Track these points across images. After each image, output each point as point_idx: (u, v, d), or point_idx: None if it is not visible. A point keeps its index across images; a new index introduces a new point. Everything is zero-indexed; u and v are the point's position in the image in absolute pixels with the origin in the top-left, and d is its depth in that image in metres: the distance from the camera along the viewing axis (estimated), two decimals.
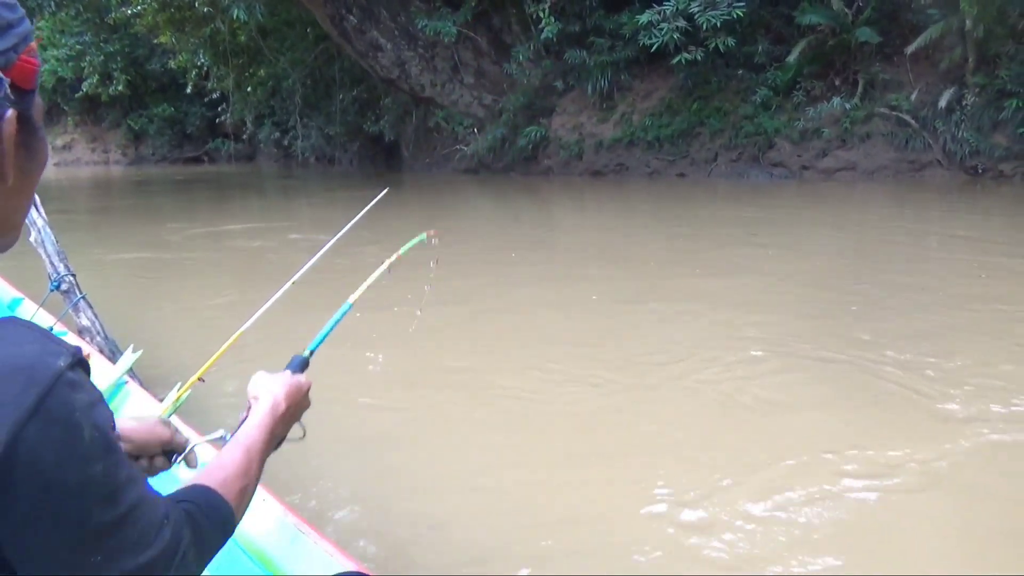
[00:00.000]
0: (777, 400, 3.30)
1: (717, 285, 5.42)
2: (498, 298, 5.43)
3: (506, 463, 2.79)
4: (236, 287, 5.98)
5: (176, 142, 29.09)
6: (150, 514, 0.72)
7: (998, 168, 11.91)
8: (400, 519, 2.39)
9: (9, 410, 0.61)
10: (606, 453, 2.85)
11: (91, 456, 0.65)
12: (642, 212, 10.78)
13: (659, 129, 14.41)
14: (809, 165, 13.27)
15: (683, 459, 2.79)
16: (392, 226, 8.50)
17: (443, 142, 17.64)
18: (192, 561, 0.78)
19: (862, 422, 3.06)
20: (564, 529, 2.33)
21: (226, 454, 0.94)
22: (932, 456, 2.72)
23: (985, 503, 2.44)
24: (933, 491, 2.50)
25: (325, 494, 2.54)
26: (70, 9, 19.94)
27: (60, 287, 3.01)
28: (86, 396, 0.67)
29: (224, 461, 0.92)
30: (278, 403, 1.04)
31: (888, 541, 2.23)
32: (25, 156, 0.71)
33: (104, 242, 8.64)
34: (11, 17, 0.68)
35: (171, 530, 0.74)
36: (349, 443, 2.96)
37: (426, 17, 15.80)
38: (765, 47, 13.57)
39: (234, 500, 0.89)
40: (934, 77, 12.56)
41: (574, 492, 2.57)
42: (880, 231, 8.08)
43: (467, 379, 3.71)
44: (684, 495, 2.49)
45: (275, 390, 1.06)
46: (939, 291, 5.08)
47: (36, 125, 0.72)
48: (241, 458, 0.94)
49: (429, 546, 2.24)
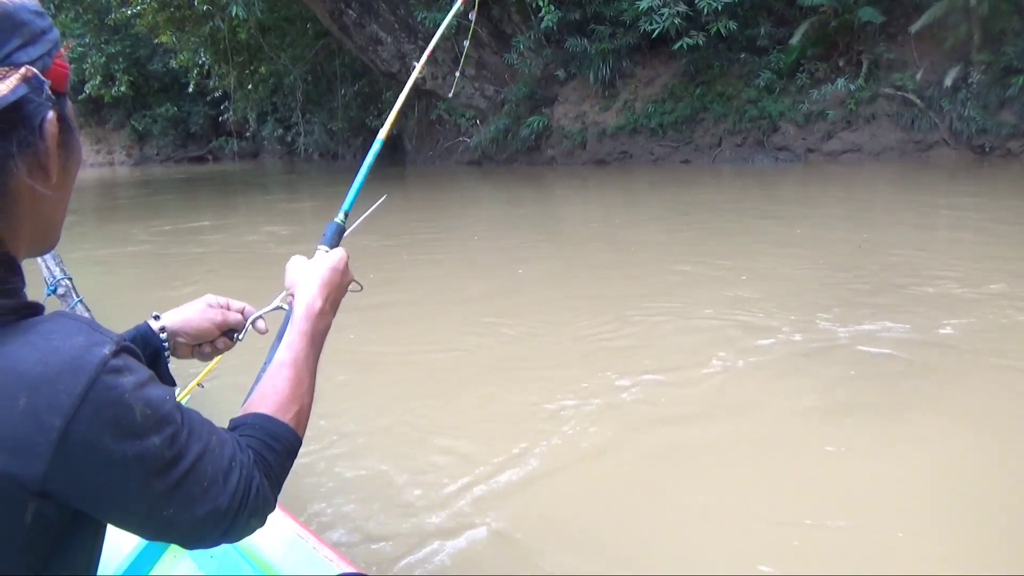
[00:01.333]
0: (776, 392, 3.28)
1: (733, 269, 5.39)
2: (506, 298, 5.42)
3: (515, 456, 2.78)
4: (239, 287, 5.99)
5: (180, 141, 29.18)
6: (216, 462, 0.77)
7: (1005, 146, 11.80)
8: (400, 523, 2.39)
9: (63, 398, 0.66)
10: (616, 454, 2.85)
11: (145, 431, 0.71)
12: (648, 200, 10.73)
13: (662, 116, 14.33)
14: (815, 148, 13.18)
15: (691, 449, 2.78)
16: (395, 219, 8.51)
17: (446, 135, 17.61)
18: (268, 493, 0.84)
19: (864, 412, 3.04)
20: (568, 530, 2.32)
21: (277, 375, 0.94)
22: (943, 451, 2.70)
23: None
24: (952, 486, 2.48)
25: (327, 498, 2.54)
26: (70, 12, 19.97)
27: (56, 291, 3.01)
28: (133, 378, 0.71)
29: (277, 384, 0.93)
30: (313, 304, 1.02)
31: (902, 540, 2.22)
32: (65, 155, 0.76)
33: (103, 242, 8.67)
34: (43, 24, 0.73)
35: (238, 472, 0.79)
36: (353, 445, 2.96)
37: (425, 9, 15.74)
38: (767, 29, 13.46)
39: (292, 421, 0.91)
40: (939, 56, 12.42)
41: (578, 495, 2.56)
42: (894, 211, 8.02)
43: (461, 379, 3.70)
44: (689, 494, 2.47)
45: (309, 287, 1.04)
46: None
47: (72, 124, 0.77)
48: (292, 376, 0.94)
49: (431, 552, 2.24)
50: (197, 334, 1.12)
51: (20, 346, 0.68)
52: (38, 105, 0.70)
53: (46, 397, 0.66)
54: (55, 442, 0.65)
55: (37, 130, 0.70)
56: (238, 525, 0.80)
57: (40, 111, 0.70)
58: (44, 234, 0.79)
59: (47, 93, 0.71)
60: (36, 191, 0.73)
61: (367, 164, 1.32)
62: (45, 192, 0.73)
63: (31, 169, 0.71)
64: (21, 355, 0.67)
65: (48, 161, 0.72)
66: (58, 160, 0.74)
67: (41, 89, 0.70)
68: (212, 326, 1.13)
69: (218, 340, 1.15)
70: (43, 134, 0.71)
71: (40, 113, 0.70)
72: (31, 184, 0.72)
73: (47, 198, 0.75)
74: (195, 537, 0.78)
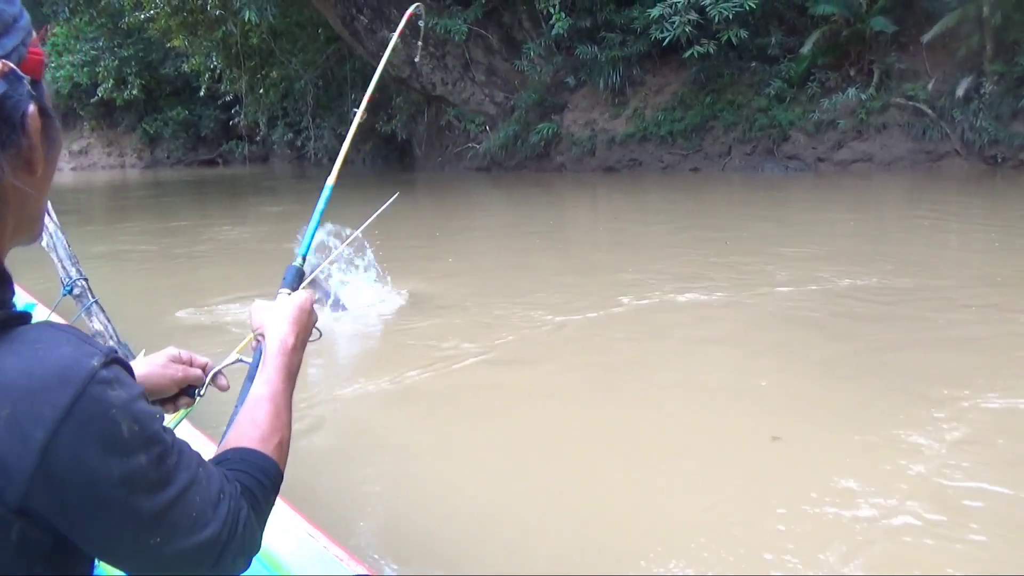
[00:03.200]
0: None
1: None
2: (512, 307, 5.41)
3: (516, 467, 2.76)
4: (249, 289, 5.99)
5: (191, 145, 29.29)
6: (204, 493, 0.74)
7: (1018, 157, 11.72)
8: (412, 524, 2.37)
9: (47, 411, 0.63)
10: (623, 457, 2.82)
11: (132, 449, 0.67)
12: (656, 207, 10.71)
13: (672, 124, 14.31)
14: (825, 157, 13.13)
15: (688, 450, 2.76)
16: (403, 225, 8.51)
17: (455, 140, 17.62)
18: (254, 525, 0.81)
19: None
20: (571, 533, 2.30)
21: (256, 409, 0.93)
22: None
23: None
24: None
25: (336, 499, 2.53)
26: (84, 15, 20.11)
27: (72, 291, 3.02)
28: (123, 392, 0.68)
29: (257, 418, 0.91)
30: (286, 340, 1.02)
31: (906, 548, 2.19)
32: (48, 146, 0.72)
33: (118, 243, 8.69)
34: (13, 11, 0.68)
35: (227, 504, 0.76)
36: (360, 448, 2.95)
37: (436, 15, 15.79)
38: (778, 38, 13.44)
39: (275, 454, 0.89)
40: (951, 66, 12.37)
41: (584, 499, 2.54)
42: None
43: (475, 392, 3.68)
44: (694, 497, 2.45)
45: (280, 325, 1.04)
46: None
47: (51, 112, 0.73)
48: (271, 410, 0.93)
49: (441, 551, 2.22)
50: (155, 390, 1.07)
51: (5, 356, 0.65)
52: (17, 101, 0.66)
53: (30, 409, 0.63)
54: (37, 456, 0.62)
55: (19, 127, 0.67)
56: (225, 560, 0.76)
57: (20, 106, 0.66)
58: (29, 227, 0.75)
59: (27, 87, 0.67)
60: (21, 189, 0.69)
61: (319, 211, 1.29)
62: (29, 189, 0.70)
63: (15, 167, 0.68)
64: (6, 365, 0.64)
65: (33, 155, 0.69)
66: (41, 152, 0.70)
67: (20, 83, 0.66)
68: (171, 383, 1.08)
69: (179, 398, 1.10)
70: (25, 130, 0.67)
71: (21, 108, 0.66)
72: (16, 183, 0.68)
73: (31, 192, 0.71)
74: (182, 571, 0.73)
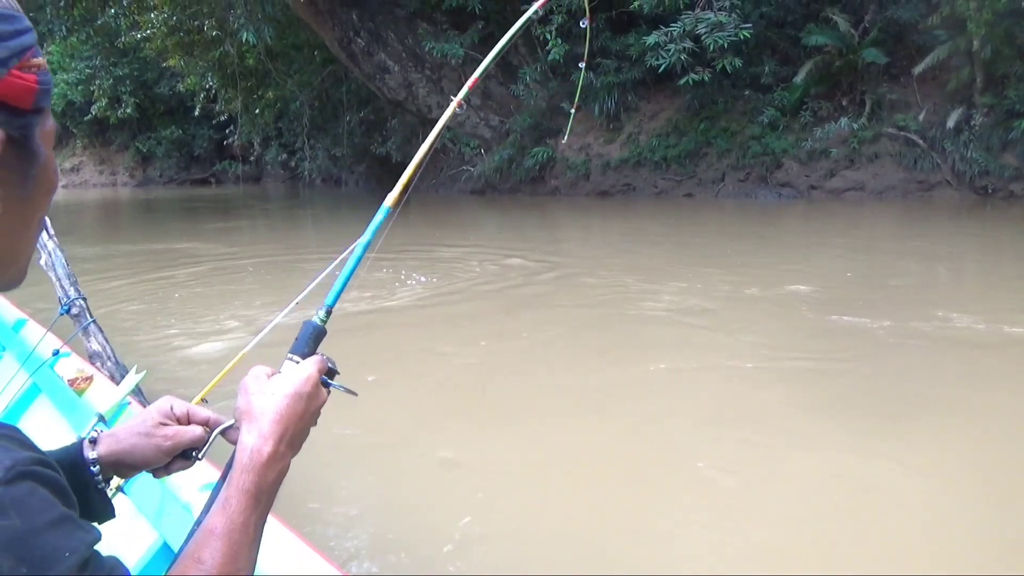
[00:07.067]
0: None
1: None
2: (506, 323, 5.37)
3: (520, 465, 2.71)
4: (247, 305, 5.93)
5: (183, 164, 29.31)
6: None
7: (1008, 188, 11.85)
8: (386, 525, 2.31)
9: None
10: (619, 466, 2.78)
11: None
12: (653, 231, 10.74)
13: (666, 149, 14.43)
14: (817, 185, 13.24)
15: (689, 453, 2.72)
16: (397, 245, 8.48)
17: (450, 163, 17.68)
18: None
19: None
20: (574, 535, 2.25)
21: (205, 547, 0.70)
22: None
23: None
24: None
25: (314, 500, 2.47)
26: (80, 33, 20.14)
27: (70, 311, 2.95)
28: (19, 522, 0.53)
29: (204, 558, 0.69)
30: (261, 447, 0.75)
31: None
32: (18, 183, 0.62)
33: (113, 261, 8.62)
34: (2, 29, 0.59)
35: None
36: (351, 450, 2.89)
37: (433, 39, 15.91)
38: (772, 68, 13.62)
39: None
40: (942, 97, 12.55)
41: (582, 503, 2.50)
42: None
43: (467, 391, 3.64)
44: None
45: (260, 422, 0.77)
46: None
47: (33, 149, 0.63)
48: (224, 550, 0.70)
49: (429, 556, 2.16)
50: (142, 463, 0.90)
51: None
52: None
53: None
54: None
55: None
56: None
57: None
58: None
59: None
60: None
61: (350, 268, 1.03)
62: None
63: None
64: None
65: None
66: (6, 190, 0.61)
67: None
68: (158, 455, 0.89)
69: (173, 464, 0.92)
70: None
71: None
72: None
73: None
74: None
